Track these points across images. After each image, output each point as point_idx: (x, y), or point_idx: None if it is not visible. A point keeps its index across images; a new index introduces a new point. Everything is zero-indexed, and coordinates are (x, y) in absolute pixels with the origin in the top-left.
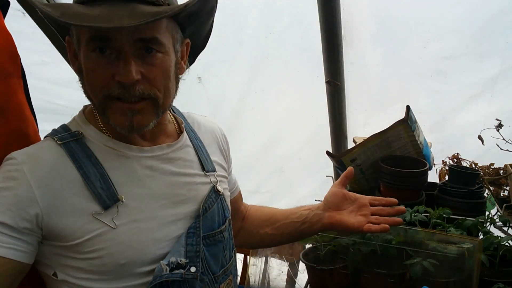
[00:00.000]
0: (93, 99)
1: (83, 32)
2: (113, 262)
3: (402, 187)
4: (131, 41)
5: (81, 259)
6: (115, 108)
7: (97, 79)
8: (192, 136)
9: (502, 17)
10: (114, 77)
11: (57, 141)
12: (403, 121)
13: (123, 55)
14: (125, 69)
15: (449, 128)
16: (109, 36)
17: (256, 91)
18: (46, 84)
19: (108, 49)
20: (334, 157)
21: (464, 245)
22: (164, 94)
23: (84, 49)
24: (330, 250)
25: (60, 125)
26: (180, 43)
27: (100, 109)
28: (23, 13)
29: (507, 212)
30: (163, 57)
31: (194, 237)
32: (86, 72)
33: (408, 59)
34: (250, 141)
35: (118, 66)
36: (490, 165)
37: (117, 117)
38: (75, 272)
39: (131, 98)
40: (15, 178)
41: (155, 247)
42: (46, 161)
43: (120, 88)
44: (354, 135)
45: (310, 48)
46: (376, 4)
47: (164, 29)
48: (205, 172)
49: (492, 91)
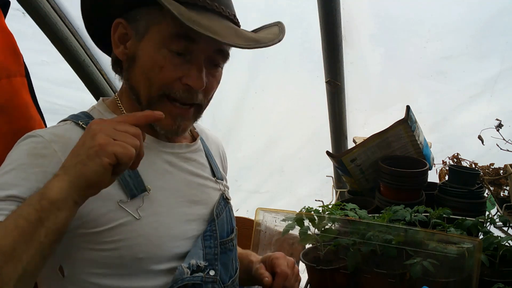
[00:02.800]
0: (144, 91)
1: (164, 25)
2: (130, 255)
3: (402, 187)
4: (211, 50)
5: (98, 249)
6: (166, 107)
7: (163, 76)
8: (204, 144)
9: (502, 17)
10: (181, 79)
11: (83, 125)
12: (403, 121)
13: (198, 61)
14: (199, 75)
15: (449, 128)
16: (195, 39)
17: (256, 91)
18: (46, 84)
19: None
20: (334, 157)
21: (464, 245)
22: (207, 103)
23: (158, 43)
24: (330, 250)
25: (80, 112)
26: None
27: (147, 103)
28: (23, 13)
29: (507, 212)
30: (220, 72)
31: (212, 240)
32: (151, 65)
33: (408, 59)
34: (250, 141)
35: (190, 70)
36: (490, 165)
37: (166, 118)
38: (86, 267)
39: (190, 103)
40: (45, 156)
41: (172, 244)
42: (75, 142)
43: (185, 92)
44: (354, 135)
45: (310, 48)
46: (376, 4)
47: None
48: (215, 178)
49: (492, 91)
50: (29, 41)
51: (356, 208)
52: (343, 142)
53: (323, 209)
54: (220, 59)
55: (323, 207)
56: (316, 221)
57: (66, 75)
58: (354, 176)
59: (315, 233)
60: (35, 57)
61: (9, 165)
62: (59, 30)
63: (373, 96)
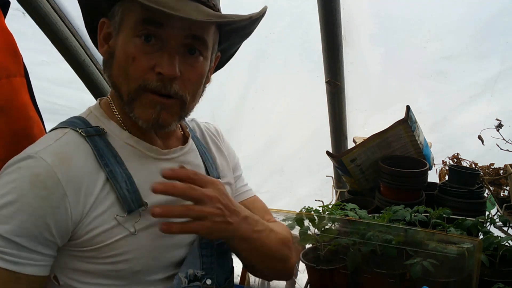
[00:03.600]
0: (123, 86)
1: (133, 13)
2: (128, 269)
3: (402, 187)
4: (183, 35)
5: (94, 263)
6: (146, 99)
7: (136, 67)
8: (197, 142)
9: (502, 17)
10: (154, 68)
11: (82, 133)
12: (403, 121)
13: (169, 48)
14: (170, 62)
15: (449, 128)
16: (163, 23)
17: (256, 91)
18: (46, 84)
19: (154, 38)
20: (334, 157)
21: (464, 245)
22: (192, 98)
23: (128, 33)
24: (330, 250)
25: (75, 117)
26: (215, 54)
27: (128, 99)
28: (23, 13)
29: (507, 212)
30: (202, 62)
31: (209, 248)
32: (125, 57)
33: (408, 59)
34: (250, 141)
35: (162, 58)
36: (490, 165)
37: (145, 109)
38: (82, 277)
39: (166, 94)
40: (48, 188)
41: (170, 253)
42: (77, 162)
43: (159, 81)
44: (354, 135)
45: (310, 48)
46: (376, 4)
47: (212, 35)
48: None
49: (492, 91)
50: (29, 41)
51: (356, 208)
52: (343, 142)
53: (323, 209)
54: (197, 45)
55: (323, 207)
56: (316, 221)
57: (66, 75)
58: (354, 176)
59: (315, 233)
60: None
61: (10, 194)
62: (59, 30)
63: (373, 96)
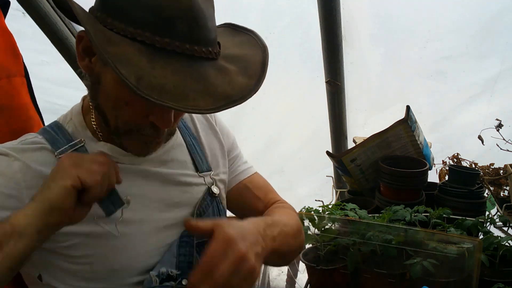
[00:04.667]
0: (111, 119)
1: None
2: (105, 268)
3: (402, 187)
4: None
5: (74, 263)
6: (137, 137)
7: (129, 113)
8: (185, 133)
9: (502, 17)
10: (147, 116)
11: (57, 156)
12: (403, 121)
13: None
14: (166, 116)
15: (449, 128)
16: None
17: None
18: (46, 84)
19: None
20: (334, 157)
21: (464, 245)
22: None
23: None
24: (330, 250)
25: (56, 125)
26: None
27: (115, 131)
28: (23, 13)
29: (507, 212)
30: None
31: (187, 247)
32: (116, 99)
33: (408, 59)
34: (250, 141)
35: (156, 109)
36: (490, 165)
37: (135, 144)
38: (62, 276)
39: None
40: (4, 174)
41: (148, 254)
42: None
43: (151, 128)
44: (354, 135)
45: (310, 48)
46: (376, 4)
47: None
48: (198, 172)
49: (492, 91)
50: (29, 41)
51: (356, 208)
52: (343, 142)
53: (323, 209)
54: None
55: (323, 207)
56: (316, 221)
57: (66, 75)
58: (354, 176)
59: (315, 233)
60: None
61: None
62: (59, 30)
63: (373, 96)
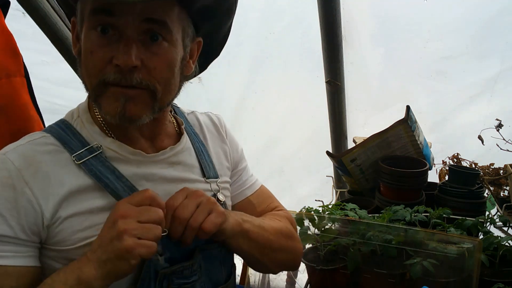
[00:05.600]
0: (88, 84)
1: (86, 6)
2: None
3: (402, 187)
4: (138, 20)
5: (74, 254)
6: (108, 93)
7: (94, 62)
8: (194, 139)
9: (502, 17)
10: (111, 61)
11: (75, 161)
12: (403, 121)
13: (125, 37)
14: (125, 51)
15: (449, 128)
16: (112, 10)
17: (256, 91)
18: (46, 84)
19: (111, 29)
20: (334, 157)
21: (464, 245)
22: (164, 88)
23: (86, 26)
24: (330, 250)
25: (63, 123)
26: (191, 39)
27: (93, 96)
28: (23, 13)
29: (507, 212)
30: (168, 48)
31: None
32: (85, 53)
33: (408, 59)
34: (250, 141)
35: (118, 49)
36: (490, 165)
37: (109, 102)
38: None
39: (127, 85)
40: (15, 188)
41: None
42: (46, 165)
43: (117, 73)
44: (354, 135)
45: (310, 48)
46: (376, 4)
47: (176, 17)
48: (205, 178)
49: (492, 91)
50: (29, 41)
51: (356, 208)
52: (343, 142)
53: (323, 209)
54: (157, 30)
55: (323, 207)
56: (316, 221)
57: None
58: (354, 176)
59: (315, 233)
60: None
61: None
62: (59, 30)
63: (373, 96)
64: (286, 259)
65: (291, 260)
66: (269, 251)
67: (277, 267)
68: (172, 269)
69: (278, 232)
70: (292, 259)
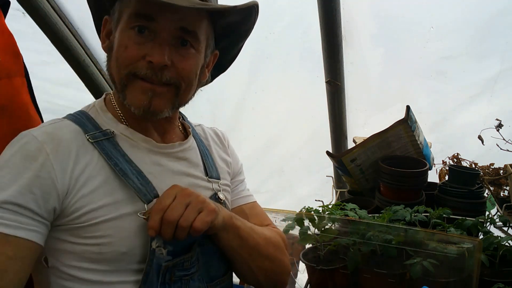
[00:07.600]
0: (116, 75)
1: (128, 8)
2: (113, 250)
3: (402, 187)
4: (173, 27)
5: (81, 244)
6: (136, 86)
7: (127, 55)
8: (199, 142)
9: (502, 17)
10: (145, 57)
11: (89, 140)
12: (403, 121)
13: (161, 39)
14: (159, 51)
15: (449, 128)
16: (154, 17)
17: (256, 91)
18: (46, 84)
19: (147, 30)
20: (334, 157)
21: (464, 245)
22: (186, 87)
23: (123, 25)
24: (330, 250)
25: (81, 112)
26: (211, 51)
27: (120, 86)
28: (23, 13)
29: (507, 212)
30: (195, 54)
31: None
32: (118, 47)
33: (408, 59)
34: (250, 141)
35: (153, 48)
36: (490, 165)
37: (136, 95)
38: (68, 259)
39: (157, 81)
40: (37, 159)
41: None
42: (67, 142)
43: (148, 69)
44: (354, 135)
45: (310, 48)
46: (376, 4)
47: (204, 29)
48: (208, 177)
49: (492, 91)
50: (29, 41)
51: (356, 208)
52: (343, 142)
53: (323, 209)
54: (188, 38)
55: (323, 207)
56: (316, 221)
57: (66, 75)
58: (354, 176)
59: (315, 233)
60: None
61: (3, 167)
62: (59, 30)
63: (373, 96)
64: (273, 270)
65: (278, 273)
66: (257, 255)
67: (263, 276)
68: (174, 262)
69: (268, 239)
70: (279, 272)
